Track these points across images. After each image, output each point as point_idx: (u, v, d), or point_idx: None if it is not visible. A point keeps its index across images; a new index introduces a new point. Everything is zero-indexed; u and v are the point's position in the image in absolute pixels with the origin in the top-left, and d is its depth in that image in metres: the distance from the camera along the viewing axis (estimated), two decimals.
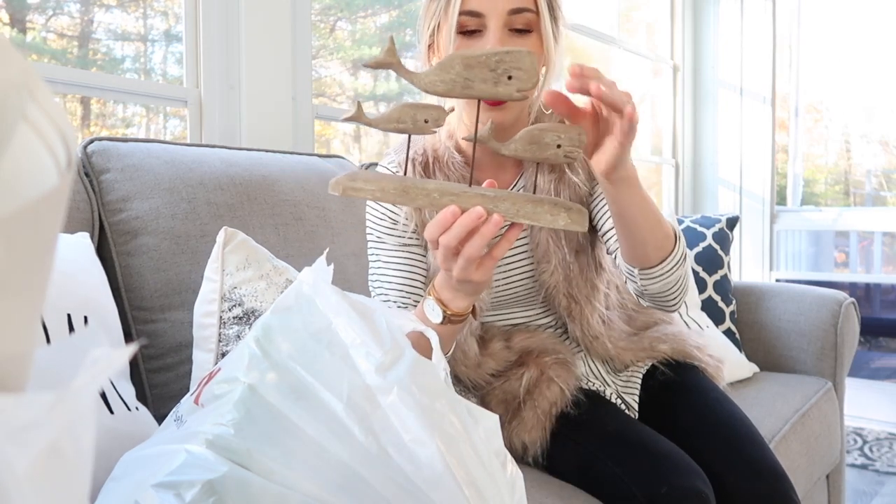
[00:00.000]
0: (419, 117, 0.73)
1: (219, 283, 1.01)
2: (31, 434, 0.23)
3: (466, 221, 0.74)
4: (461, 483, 0.57)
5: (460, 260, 0.77)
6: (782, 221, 3.11)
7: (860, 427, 2.83)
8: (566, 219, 0.77)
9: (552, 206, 0.77)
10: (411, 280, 1.06)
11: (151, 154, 1.18)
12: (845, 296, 1.95)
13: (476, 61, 0.72)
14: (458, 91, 0.73)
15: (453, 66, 0.72)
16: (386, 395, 0.59)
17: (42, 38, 1.54)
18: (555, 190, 1.04)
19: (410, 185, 0.75)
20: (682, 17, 3.15)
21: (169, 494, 0.56)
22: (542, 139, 0.75)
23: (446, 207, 0.75)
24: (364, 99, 2.26)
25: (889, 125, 3.16)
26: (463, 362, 1.08)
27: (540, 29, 0.97)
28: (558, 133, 0.75)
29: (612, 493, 0.96)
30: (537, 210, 0.76)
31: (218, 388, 0.64)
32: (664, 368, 1.16)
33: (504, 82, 0.72)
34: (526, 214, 0.76)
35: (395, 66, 0.71)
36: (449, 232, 0.75)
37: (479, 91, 0.73)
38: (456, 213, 0.75)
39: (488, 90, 0.72)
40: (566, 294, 1.09)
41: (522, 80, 0.72)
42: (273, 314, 0.67)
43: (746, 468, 0.99)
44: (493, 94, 0.73)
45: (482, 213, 0.74)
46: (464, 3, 0.94)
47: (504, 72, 0.72)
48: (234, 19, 1.54)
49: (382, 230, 1.07)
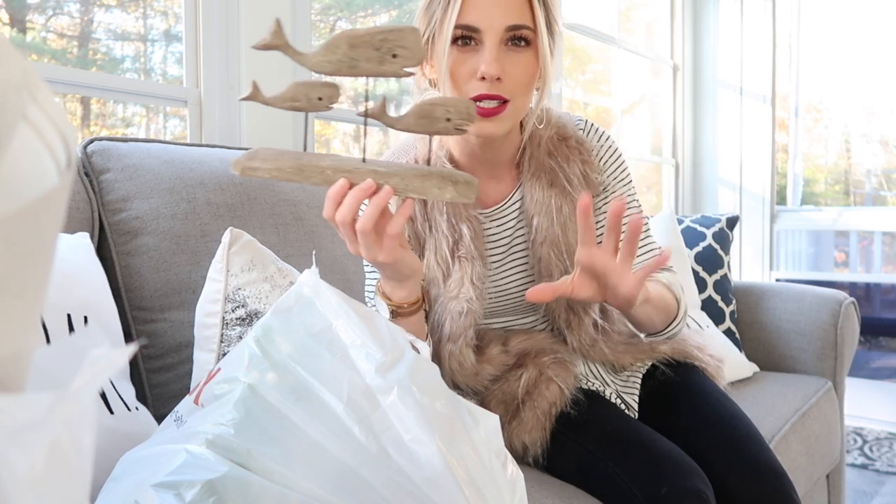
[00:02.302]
0: (313, 95, 0.75)
1: (223, 283, 1.01)
2: (31, 434, 0.23)
3: (357, 193, 0.76)
4: (461, 483, 0.57)
5: (360, 237, 0.79)
6: (782, 221, 3.11)
7: (860, 427, 2.83)
8: (453, 191, 0.79)
9: (440, 180, 0.78)
10: None
11: (151, 154, 1.18)
12: (845, 295, 1.95)
13: (361, 41, 0.73)
14: (345, 70, 0.74)
15: (339, 47, 0.73)
16: (386, 395, 0.59)
17: (42, 38, 1.54)
18: (555, 204, 1.04)
19: (306, 164, 0.76)
20: (681, 17, 3.15)
21: (169, 494, 0.56)
22: (433, 113, 0.77)
23: (336, 182, 0.77)
24: (364, 98, 2.26)
25: (889, 125, 3.16)
26: (460, 373, 1.07)
27: (537, 43, 0.96)
28: (447, 107, 0.77)
29: (612, 493, 0.96)
30: (425, 184, 0.78)
31: (218, 388, 0.64)
32: (664, 368, 1.16)
33: (389, 61, 0.73)
34: (415, 189, 0.78)
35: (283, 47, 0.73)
36: (342, 207, 0.77)
37: (364, 70, 0.74)
38: (345, 187, 0.77)
39: (374, 69, 0.74)
40: (567, 307, 1.09)
41: (407, 59, 0.73)
42: (273, 315, 0.67)
43: (747, 468, 0.99)
44: (379, 72, 0.74)
45: (372, 185, 0.76)
46: (461, 16, 0.93)
47: (388, 50, 0.73)
48: (234, 19, 1.54)
49: None
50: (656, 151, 3.21)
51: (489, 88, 0.93)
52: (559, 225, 1.04)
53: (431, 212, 1.04)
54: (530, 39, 0.95)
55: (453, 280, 1.03)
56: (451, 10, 0.93)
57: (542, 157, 1.05)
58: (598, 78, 3.24)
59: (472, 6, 0.93)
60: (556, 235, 1.05)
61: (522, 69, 0.95)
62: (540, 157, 1.05)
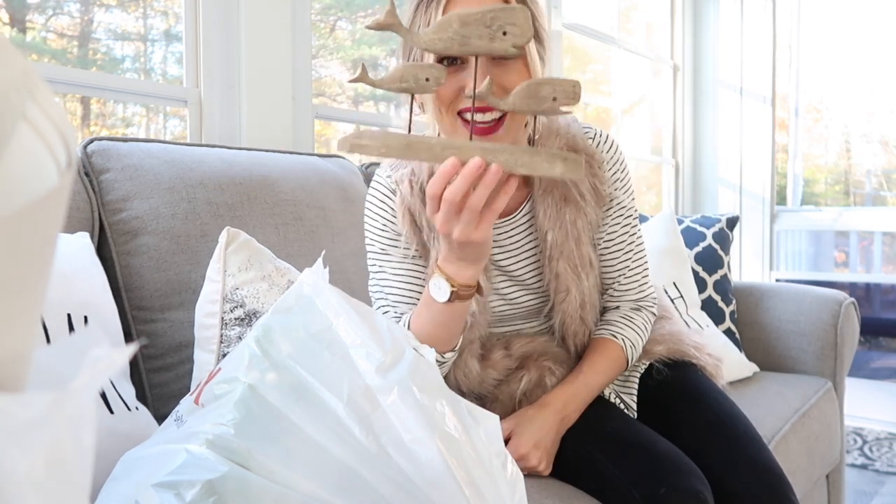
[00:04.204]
0: (420, 76, 0.77)
1: (220, 283, 1.01)
2: (31, 434, 0.23)
3: (468, 171, 0.77)
4: (461, 483, 0.57)
5: (465, 213, 0.79)
6: (782, 221, 3.11)
7: (860, 427, 2.83)
8: (562, 167, 0.79)
9: (549, 156, 0.79)
10: (416, 292, 1.06)
11: (151, 154, 1.18)
12: (845, 296, 1.95)
13: (472, 19, 0.75)
14: (455, 48, 0.76)
15: (451, 25, 0.76)
16: (386, 395, 0.59)
17: (42, 38, 1.54)
18: (570, 218, 1.04)
19: (414, 141, 0.78)
20: (681, 17, 3.15)
21: (169, 494, 0.56)
22: (539, 92, 0.78)
23: (447, 160, 0.77)
24: (364, 98, 2.26)
25: (889, 125, 3.16)
26: (465, 382, 1.08)
27: (524, 51, 0.93)
28: (554, 86, 0.78)
29: (611, 493, 0.96)
30: (534, 160, 0.79)
31: (218, 388, 0.64)
32: (661, 367, 1.16)
33: (500, 38, 0.76)
34: (524, 164, 0.79)
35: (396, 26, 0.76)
36: (453, 185, 0.78)
37: (475, 47, 0.76)
38: (456, 165, 0.77)
39: (485, 46, 0.76)
40: (581, 318, 1.10)
41: (517, 36, 0.76)
42: (273, 315, 0.67)
43: (745, 468, 0.99)
44: (490, 49, 0.76)
45: (481, 163, 0.77)
46: None
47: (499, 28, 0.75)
48: (234, 19, 1.54)
49: (386, 242, 1.06)
50: (656, 151, 3.21)
51: (479, 101, 0.91)
52: (573, 239, 1.04)
53: None
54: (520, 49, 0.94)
55: None
56: None
57: None
58: (598, 78, 3.24)
59: None
60: (571, 250, 1.05)
61: (512, 81, 0.91)
62: None
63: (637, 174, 3.22)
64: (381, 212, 1.06)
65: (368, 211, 1.07)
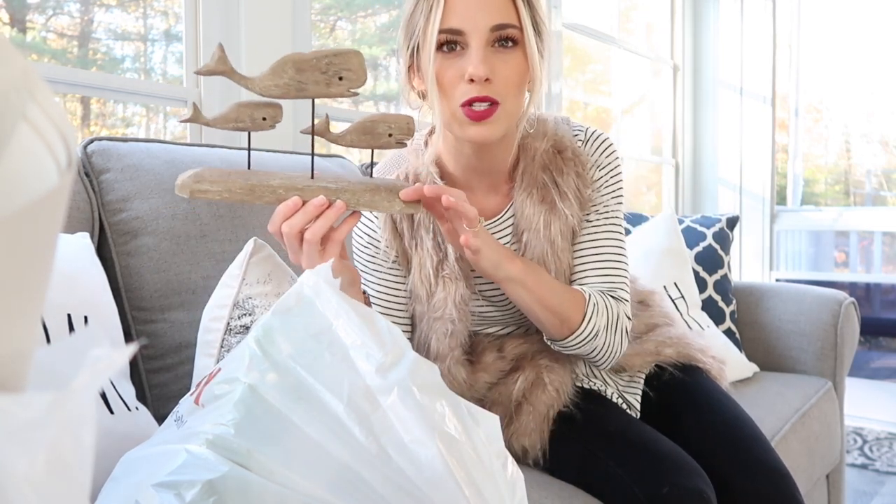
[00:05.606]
0: (257, 115, 0.78)
1: (235, 289, 1.01)
2: (31, 434, 0.23)
3: (310, 209, 0.79)
4: (461, 484, 0.57)
5: (305, 245, 0.80)
6: (782, 221, 3.11)
7: (860, 427, 2.83)
8: (401, 204, 0.82)
9: (388, 193, 0.82)
10: (394, 306, 1.07)
11: (151, 154, 1.18)
12: (845, 296, 1.95)
13: (307, 65, 0.76)
14: (293, 93, 0.77)
15: (286, 71, 0.76)
16: (386, 395, 0.59)
17: (42, 38, 1.54)
18: (544, 220, 1.01)
19: (256, 184, 0.78)
20: (682, 17, 3.15)
21: (169, 494, 0.56)
22: (375, 129, 0.81)
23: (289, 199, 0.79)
24: (364, 98, 2.26)
25: (889, 125, 3.16)
26: (452, 387, 1.06)
27: (524, 43, 0.93)
28: (388, 123, 0.81)
29: (613, 492, 0.96)
30: (375, 198, 0.81)
31: (218, 389, 0.64)
32: (672, 370, 1.16)
33: (336, 83, 0.77)
34: (365, 203, 0.81)
35: (228, 72, 0.76)
36: (290, 219, 0.79)
37: (312, 92, 0.77)
38: (297, 204, 0.79)
39: (321, 91, 0.77)
40: None
41: (352, 80, 0.77)
42: (274, 315, 0.67)
43: (750, 468, 0.99)
44: (326, 94, 0.77)
45: (324, 202, 0.79)
46: (443, 20, 0.90)
47: (335, 73, 0.76)
48: (234, 19, 1.54)
49: (367, 258, 1.07)
50: (656, 152, 3.21)
51: (479, 91, 0.90)
52: (548, 241, 1.02)
53: (418, 229, 1.02)
54: (517, 39, 0.93)
55: (437, 299, 1.02)
56: (434, 15, 0.91)
57: (535, 170, 1.02)
58: (597, 78, 3.24)
59: (454, 10, 0.90)
60: (544, 252, 1.02)
61: (512, 69, 0.92)
62: (534, 171, 1.02)
63: (637, 174, 3.22)
64: (363, 226, 1.07)
65: None
